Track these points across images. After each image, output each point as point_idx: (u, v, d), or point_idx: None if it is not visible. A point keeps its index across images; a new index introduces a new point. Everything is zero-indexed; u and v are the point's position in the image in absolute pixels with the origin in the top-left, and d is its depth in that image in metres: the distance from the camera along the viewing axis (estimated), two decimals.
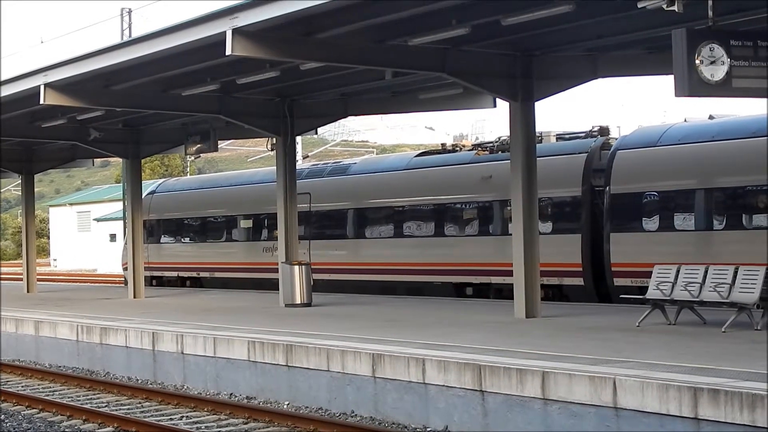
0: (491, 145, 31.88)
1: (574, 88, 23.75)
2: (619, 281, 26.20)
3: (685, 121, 27.65)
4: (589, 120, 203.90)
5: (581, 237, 27.67)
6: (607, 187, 26.92)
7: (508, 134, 23.44)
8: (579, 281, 27.61)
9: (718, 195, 24.70)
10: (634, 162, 26.57)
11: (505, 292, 28.48)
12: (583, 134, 29.75)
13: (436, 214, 31.64)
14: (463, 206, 31.07)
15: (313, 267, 28.89)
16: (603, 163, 27.62)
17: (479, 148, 32.17)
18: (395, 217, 32.94)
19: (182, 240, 42.51)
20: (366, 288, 33.04)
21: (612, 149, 27.46)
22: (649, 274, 20.41)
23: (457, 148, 34.16)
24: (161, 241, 43.20)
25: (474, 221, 30.66)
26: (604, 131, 29.26)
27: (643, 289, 21.87)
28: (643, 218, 25.99)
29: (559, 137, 30.33)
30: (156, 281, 42.78)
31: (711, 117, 26.90)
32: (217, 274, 40.06)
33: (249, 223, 38.83)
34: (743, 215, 24.24)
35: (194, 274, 41.45)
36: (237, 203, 39.52)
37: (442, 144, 35.73)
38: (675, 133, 26.35)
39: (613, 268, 26.50)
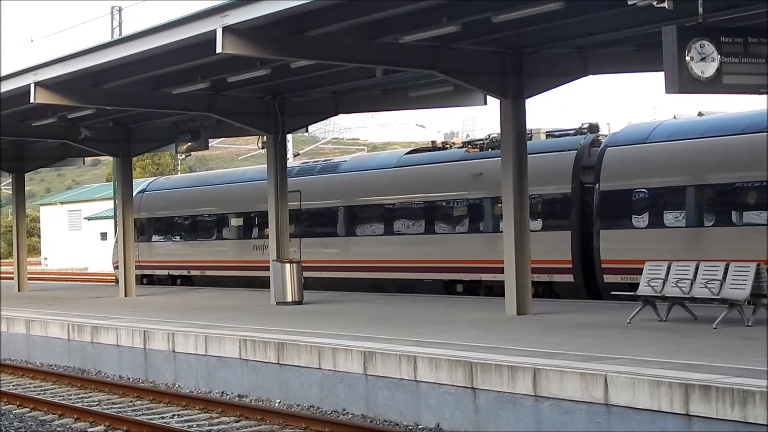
0: (481, 142, 31.90)
1: (565, 85, 23.79)
2: (608, 278, 26.23)
3: (675, 118, 27.69)
4: (579, 117, 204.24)
5: (571, 234, 27.70)
6: (597, 184, 26.95)
7: (498, 131, 23.46)
8: (569, 278, 27.64)
9: (707, 192, 24.74)
10: (624, 159, 26.61)
11: (495, 290, 28.53)
12: (572, 131, 29.79)
13: (427, 211, 31.64)
14: (453, 204, 31.09)
15: (303, 265, 28.89)
16: (593, 160, 27.64)
17: (469, 146, 32.20)
18: (385, 214, 32.94)
19: (172, 238, 42.47)
20: (356, 285, 33.04)
21: (601, 146, 27.49)
22: (638, 271, 20.45)
23: (447, 146, 34.20)
24: (151, 239, 43.16)
25: (464, 218, 30.68)
26: (593, 128, 29.31)
27: (633, 286, 21.91)
28: (633, 215, 26.03)
29: (549, 134, 30.35)
30: (146, 280, 42.73)
31: (700, 114, 26.96)
32: (208, 273, 40.04)
33: (239, 222, 38.81)
34: (732, 212, 24.29)
35: (185, 273, 41.42)
36: (227, 201, 39.51)
37: (432, 141, 35.77)
38: (664, 130, 26.39)
39: (602, 265, 26.54)
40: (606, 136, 28.47)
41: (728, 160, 24.47)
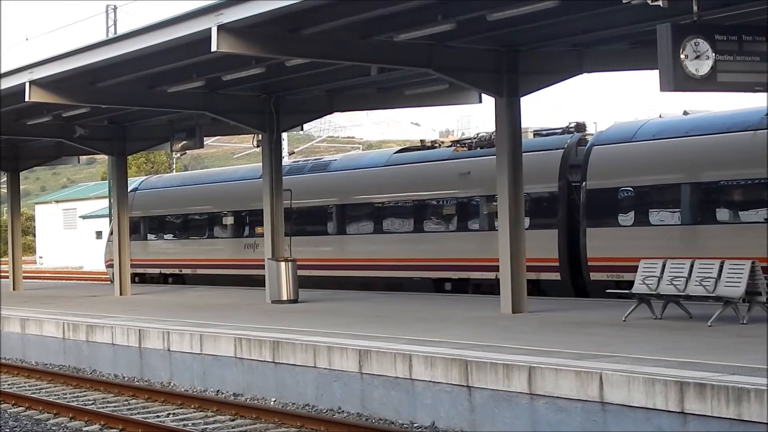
0: (469, 141, 31.95)
1: (560, 83, 23.79)
2: (595, 276, 26.33)
3: (660, 117, 27.80)
4: (572, 116, 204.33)
5: (558, 232, 27.75)
6: (584, 183, 27.04)
7: (487, 130, 23.45)
8: (556, 276, 27.68)
9: (692, 190, 24.82)
10: (610, 157, 26.73)
11: (483, 287, 28.61)
12: (559, 130, 29.85)
13: (416, 210, 31.70)
14: (442, 202, 31.15)
15: None
16: (579, 159, 27.73)
17: (458, 145, 32.23)
18: (375, 213, 32.99)
19: (164, 237, 42.48)
20: (346, 284, 33.08)
21: (588, 145, 27.59)
22: (624, 269, 20.53)
23: (436, 145, 34.26)
24: (144, 238, 43.13)
25: (453, 217, 30.73)
26: (580, 127, 29.37)
27: (620, 283, 21.98)
28: (619, 213, 26.15)
29: (537, 133, 30.39)
30: (138, 278, 42.67)
31: (685, 113, 27.11)
32: (200, 271, 40.05)
33: (231, 220, 38.83)
34: (717, 210, 24.42)
35: (177, 271, 41.41)
36: (219, 200, 39.54)
37: (421, 140, 35.83)
38: (650, 128, 26.53)
39: (589, 263, 26.65)
40: (593, 135, 28.55)
41: (713, 158, 24.61)
